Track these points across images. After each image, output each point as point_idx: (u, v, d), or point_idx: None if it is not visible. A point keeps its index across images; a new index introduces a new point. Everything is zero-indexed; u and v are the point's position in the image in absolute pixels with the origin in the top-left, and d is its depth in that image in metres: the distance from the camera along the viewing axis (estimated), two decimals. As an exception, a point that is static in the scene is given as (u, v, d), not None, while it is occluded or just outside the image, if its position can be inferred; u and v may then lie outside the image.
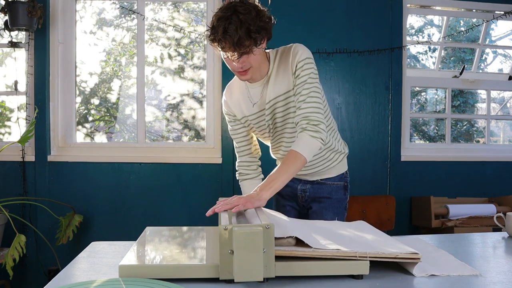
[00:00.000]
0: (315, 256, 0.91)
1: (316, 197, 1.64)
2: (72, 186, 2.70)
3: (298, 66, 1.41)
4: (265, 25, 1.32)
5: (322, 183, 1.63)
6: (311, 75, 1.41)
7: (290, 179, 1.34)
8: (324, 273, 0.92)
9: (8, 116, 2.94)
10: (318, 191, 1.63)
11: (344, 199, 1.66)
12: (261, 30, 1.31)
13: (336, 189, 1.64)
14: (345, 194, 1.67)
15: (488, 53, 3.73)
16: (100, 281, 0.86)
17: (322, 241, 0.98)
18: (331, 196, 1.63)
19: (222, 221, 0.99)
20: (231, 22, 1.27)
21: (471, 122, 3.90)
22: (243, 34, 1.27)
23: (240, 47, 1.28)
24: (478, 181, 2.96)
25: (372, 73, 2.80)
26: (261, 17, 1.32)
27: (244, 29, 1.27)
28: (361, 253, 0.91)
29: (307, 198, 1.66)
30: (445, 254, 1.10)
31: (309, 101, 1.39)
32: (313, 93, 1.40)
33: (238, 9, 1.29)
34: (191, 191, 2.75)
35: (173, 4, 3.01)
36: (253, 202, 1.16)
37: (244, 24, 1.27)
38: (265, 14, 1.34)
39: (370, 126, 2.82)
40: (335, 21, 2.77)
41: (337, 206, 1.64)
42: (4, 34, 2.64)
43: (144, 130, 2.84)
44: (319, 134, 1.35)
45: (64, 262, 2.55)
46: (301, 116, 1.38)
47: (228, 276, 0.87)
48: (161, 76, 3.05)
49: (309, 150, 1.34)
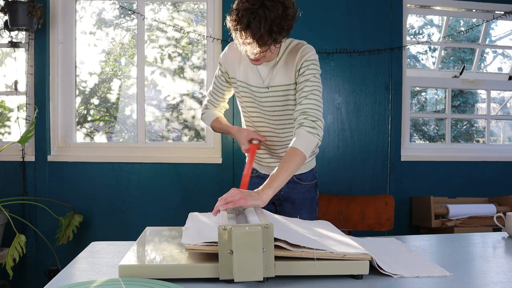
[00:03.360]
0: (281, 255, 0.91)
1: (289, 197, 1.69)
2: (72, 186, 2.70)
3: (304, 64, 1.45)
4: (288, 25, 1.31)
5: (297, 182, 1.68)
6: (316, 75, 1.45)
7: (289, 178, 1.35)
8: (324, 273, 0.92)
9: (8, 116, 2.94)
10: (292, 191, 1.68)
11: (315, 196, 1.74)
12: (283, 31, 1.31)
13: (309, 189, 1.71)
14: (316, 191, 1.75)
15: (488, 53, 3.73)
16: (100, 281, 0.86)
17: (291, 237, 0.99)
18: (304, 196, 1.70)
19: (221, 221, 0.99)
20: (255, 17, 1.25)
21: (471, 122, 3.90)
22: (265, 31, 1.26)
23: (260, 43, 1.28)
24: (478, 181, 2.96)
25: (372, 73, 2.80)
26: (287, 15, 1.30)
27: (268, 27, 1.26)
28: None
29: (280, 197, 1.70)
30: (418, 254, 1.10)
31: (311, 97, 1.42)
32: (315, 91, 1.43)
33: (266, 3, 1.26)
34: (191, 191, 2.75)
35: (173, 4, 3.01)
36: (248, 200, 1.17)
37: (268, 22, 1.25)
38: (291, 12, 1.32)
39: (370, 126, 2.82)
40: (335, 21, 2.77)
41: (310, 204, 1.71)
42: (4, 34, 2.64)
43: (144, 130, 2.84)
44: (316, 131, 1.37)
45: (64, 262, 2.55)
46: (300, 111, 1.41)
47: (228, 276, 0.87)
48: (161, 76, 3.05)
49: (308, 147, 1.35)
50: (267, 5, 1.26)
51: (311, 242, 0.96)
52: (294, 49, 1.50)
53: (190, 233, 1.03)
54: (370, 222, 2.44)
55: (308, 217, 1.69)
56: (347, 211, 2.49)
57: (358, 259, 0.92)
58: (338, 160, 2.79)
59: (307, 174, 1.70)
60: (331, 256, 0.92)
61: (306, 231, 1.10)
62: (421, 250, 1.21)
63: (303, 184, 1.69)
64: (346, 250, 0.94)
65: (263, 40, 1.28)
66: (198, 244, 0.93)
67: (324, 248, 0.93)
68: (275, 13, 1.26)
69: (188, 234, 1.02)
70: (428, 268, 0.99)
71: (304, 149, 1.34)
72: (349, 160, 2.80)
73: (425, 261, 1.04)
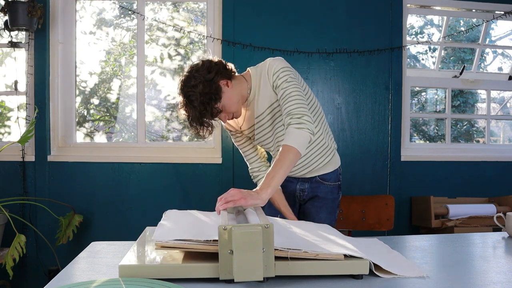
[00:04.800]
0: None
1: (314, 195, 1.72)
2: (72, 186, 2.70)
3: (274, 77, 1.50)
4: (210, 96, 1.44)
5: (320, 182, 1.71)
6: (288, 78, 1.48)
7: (287, 176, 1.36)
8: (324, 273, 0.92)
9: (8, 116, 2.94)
10: (316, 190, 1.71)
11: (337, 197, 1.76)
12: (210, 101, 1.45)
13: (332, 190, 1.72)
14: (339, 193, 1.76)
15: (488, 53, 3.73)
16: (100, 281, 0.86)
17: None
18: (326, 196, 1.71)
19: (221, 221, 0.99)
20: (188, 110, 1.47)
21: (471, 122, 3.90)
22: (199, 115, 1.45)
23: (207, 119, 1.48)
24: (478, 181, 2.96)
25: (372, 73, 2.80)
26: (208, 82, 1.45)
27: (198, 113, 1.45)
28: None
29: (305, 197, 1.73)
30: (398, 255, 1.10)
31: (290, 99, 1.44)
32: (292, 92, 1.45)
33: (188, 93, 1.45)
34: (191, 191, 2.75)
35: (173, 4, 3.01)
36: (248, 200, 1.17)
37: (197, 108, 1.44)
38: (201, 86, 1.44)
39: (370, 126, 2.82)
40: (335, 21, 2.77)
41: (331, 205, 1.73)
42: (4, 34, 2.64)
43: (144, 130, 2.84)
44: (304, 125, 1.38)
45: (64, 262, 2.55)
46: (286, 114, 1.44)
47: (228, 276, 0.87)
48: (161, 76, 3.05)
49: (298, 141, 1.36)
50: (190, 96, 1.45)
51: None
52: (260, 73, 1.56)
53: (163, 230, 1.02)
54: (370, 222, 2.44)
55: (327, 217, 1.70)
56: (347, 211, 2.49)
57: (332, 260, 0.92)
58: (338, 160, 2.79)
59: (331, 174, 1.71)
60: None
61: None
62: (421, 250, 1.21)
63: (326, 184, 1.71)
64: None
65: (205, 118, 1.47)
66: (169, 241, 0.92)
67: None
68: (196, 96, 1.44)
69: (161, 230, 1.01)
70: (406, 268, 0.99)
71: (295, 144, 1.34)
72: (349, 160, 2.80)
73: (405, 261, 1.05)
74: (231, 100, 1.51)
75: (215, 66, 1.49)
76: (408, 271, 0.97)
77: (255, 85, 1.57)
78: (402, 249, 1.23)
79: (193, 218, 1.16)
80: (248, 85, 1.57)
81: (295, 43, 2.72)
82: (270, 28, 2.73)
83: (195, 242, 0.92)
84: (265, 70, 1.52)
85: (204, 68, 1.47)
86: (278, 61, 1.52)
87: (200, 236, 0.94)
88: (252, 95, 1.58)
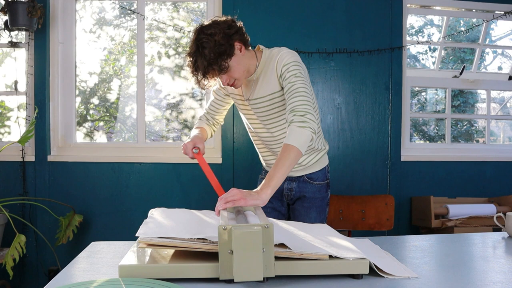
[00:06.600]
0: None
1: (301, 195, 1.73)
2: (72, 186, 2.70)
3: (284, 69, 1.49)
4: (224, 49, 1.44)
5: (308, 181, 1.71)
6: (298, 74, 1.48)
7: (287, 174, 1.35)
8: (324, 272, 0.92)
9: (8, 116, 2.94)
10: (303, 190, 1.72)
11: (326, 196, 1.76)
12: (221, 54, 1.43)
13: (320, 189, 1.73)
14: (327, 191, 1.76)
15: (488, 53, 3.73)
16: (100, 281, 0.86)
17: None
18: (314, 195, 1.72)
19: (221, 221, 0.99)
20: (196, 58, 1.45)
21: (471, 122, 3.90)
22: (207, 64, 1.44)
23: (210, 74, 1.46)
24: (478, 181, 2.96)
25: (372, 73, 2.80)
26: (226, 36, 1.45)
27: (206, 61, 1.43)
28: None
29: (292, 197, 1.74)
30: (388, 256, 1.10)
31: (296, 95, 1.44)
32: (299, 88, 1.45)
33: (200, 43, 1.43)
34: (191, 191, 2.75)
35: (173, 4, 3.01)
36: (248, 200, 1.18)
37: (206, 57, 1.43)
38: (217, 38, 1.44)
39: (370, 126, 2.82)
40: (335, 21, 2.77)
41: (320, 204, 1.74)
42: (4, 34, 2.64)
43: (144, 130, 2.84)
44: (306, 124, 1.37)
45: (64, 262, 2.56)
46: (289, 110, 1.43)
47: (228, 276, 0.87)
48: (159, 74, 3.04)
49: (300, 140, 1.35)
50: (202, 43, 1.43)
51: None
52: (271, 59, 1.55)
53: (147, 228, 1.01)
54: (370, 222, 2.44)
55: (317, 216, 1.71)
56: (347, 211, 2.48)
57: (317, 259, 0.92)
58: (338, 160, 2.79)
59: (318, 173, 1.72)
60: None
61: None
62: (421, 250, 1.21)
63: (313, 184, 1.71)
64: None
65: (210, 71, 1.46)
66: (154, 239, 0.92)
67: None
68: (208, 46, 1.42)
69: (145, 228, 1.01)
70: (397, 269, 0.99)
71: (296, 143, 1.34)
72: (349, 160, 2.80)
73: (394, 261, 1.05)
74: (239, 65, 1.51)
75: (237, 27, 1.49)
76: (398, 272, 0.97)
77: (261, 68, 1.57)
78: (402, 249, 1.23)
79: (178, 216, 1.16)
80: (257, 62, 1.58)
81: (295, 43, 2.72)
82: (270, 28, 2.73)
83: (179, 240, 0.92)
84: (276, 59, 1.52)
85: (227, 23, 1.47)
86: (292, 54, 1.52)
87: (184, 234, 0.94)
88: (255, 75, 1.58)
